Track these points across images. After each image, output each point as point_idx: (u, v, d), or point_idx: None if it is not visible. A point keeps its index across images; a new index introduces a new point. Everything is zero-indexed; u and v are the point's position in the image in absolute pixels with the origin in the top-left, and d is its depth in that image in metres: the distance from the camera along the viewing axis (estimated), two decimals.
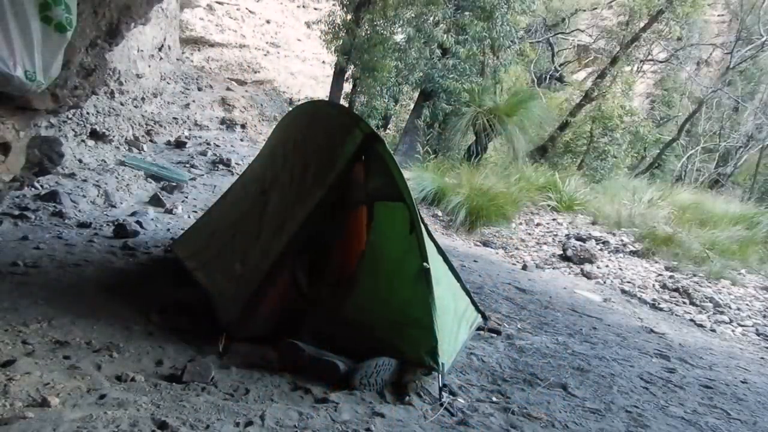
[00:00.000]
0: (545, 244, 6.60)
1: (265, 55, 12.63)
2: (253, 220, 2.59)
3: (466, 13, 9.85)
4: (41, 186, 4.37)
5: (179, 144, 7.16)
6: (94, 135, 5.76)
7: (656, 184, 10.73)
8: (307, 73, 13.54)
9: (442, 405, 2.01)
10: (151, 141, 6.83)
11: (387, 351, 2.18)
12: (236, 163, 6.96)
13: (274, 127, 3.35)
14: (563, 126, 12.60)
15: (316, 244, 2.45)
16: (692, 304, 4.93)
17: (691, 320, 4.49)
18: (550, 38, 14.36)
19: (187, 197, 5.34)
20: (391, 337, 2.27)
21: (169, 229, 4.18)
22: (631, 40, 12.20)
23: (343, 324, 2.33)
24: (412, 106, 11.08)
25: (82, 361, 1.98)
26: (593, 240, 6.60)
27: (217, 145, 7.67)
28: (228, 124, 8.80)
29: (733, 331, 4.36)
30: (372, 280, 2.31)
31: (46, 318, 2.29)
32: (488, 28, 9.75)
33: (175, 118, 7.76)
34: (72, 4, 1.99)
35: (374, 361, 2.07)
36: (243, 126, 8.94)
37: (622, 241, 6.72)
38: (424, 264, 2.17)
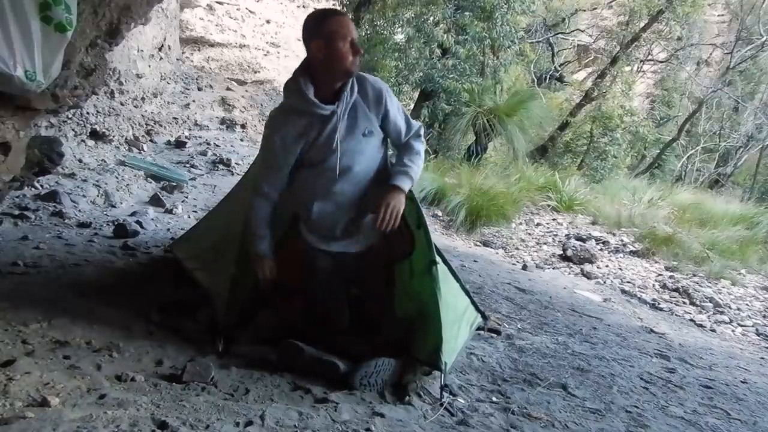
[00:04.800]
0: (545, 244, 6.60)
1: (265, 55, 12.60)
2: None
3: (466, 13, 9.85)
4: (41, 186, 4.37)
5: (179, 144, 7.16)
6: (94, 135, 5.76)
7: (656, 184, 10.73)
8: None
9: (442, 405, 2.01)
10: (151, 141, 6.83)
11: (389, 350, 2.18)
12: (236, 163, 6.96)
13: None
14: (563, 126, 12.60)
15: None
16: (692, 304, 4.93)
17: (691, 320, 4.49)
18: (550, 38, 14.35)
19: (187, 197, 5.34)
20: (394, 335, 2.28)
21: (169, 229, 4.18)
22: (631, 40, 12.20)
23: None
24: (412, 106, 11.07)
25: (82, 361, 1.98)
26: (593, 240, 6.60)
27: (217, 145, 7.67)
28: (228, 124, 8.80)
29: (733, 331, 4.36)
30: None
31: (46, 318, 2.28)
32: (488, 28, 9.75)
33: (175, 118, 7.76)
34: (72, 4, 1.99)
35: (374, 361, 2.07)
36: (243, 126, 8.94)
37: (622, 241, 6.72)
38: (434, 260, 2.17)
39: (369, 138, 2.05)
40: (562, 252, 6.09)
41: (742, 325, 4.49)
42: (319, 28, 1.94)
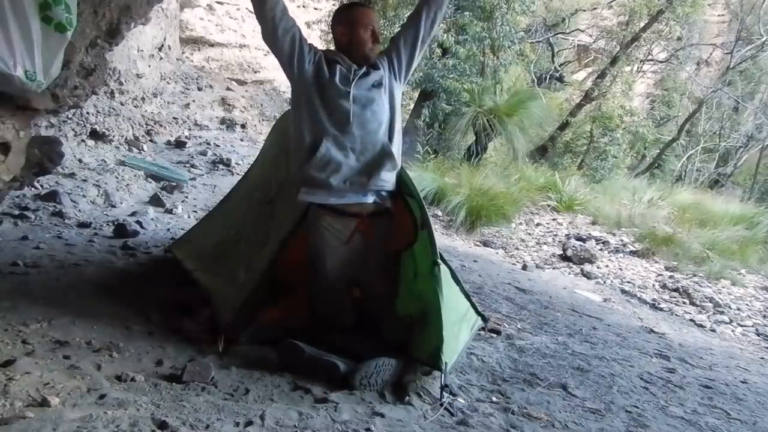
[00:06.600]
0: (545, 244, 6.60)
1: (265, 55, 12.58)
2: (259, 228, 2.57)
3: (466, 13, 9.83)
4: (41, 186, 4.38)
5: (179, 144, 7.16)
6: (94, 135, 5.77)
7: (656, 184, 10.72)
8: None
9: (442, 405, 2.01)
10: (151, 141, 6.84)
11: (390, 350, 2.18)
12: (236, 163, 6.97)
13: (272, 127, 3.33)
14: (563, 126, 12.57)
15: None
16: (692, 304, 4.93)
17: (691, 320, 4.49)
18: (550, 38, 14.33)
19: (187, 197, 5.34)
20: (395, 335, 2.28)
21: (169, 229, 4.18)
22: (631, 40, 12.18)
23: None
24: (412, 106, 11.06)
25: (82, 361, 1.98)
26: (593, 240, 6.60)
27: (217, 145, 7.68)
28: (228, 124, 8.81)
29: (733, 331, 4.36)
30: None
31: (46, 318, 2.29)
32: (488, 28, 9.73)
33: (175, 118, 7.76)
34: (72, 3, 1.99)
35: (374, 361, 2.07)
36: (243, 126, 8.95)
37: (622, 241, 6.71)
38: (437, 260, 2.18)
39: (378, 89, 2.24)
40: (562, 252, 6.09)
41: (742, 325, 4.49)
42: (344, 16, 2.27)
